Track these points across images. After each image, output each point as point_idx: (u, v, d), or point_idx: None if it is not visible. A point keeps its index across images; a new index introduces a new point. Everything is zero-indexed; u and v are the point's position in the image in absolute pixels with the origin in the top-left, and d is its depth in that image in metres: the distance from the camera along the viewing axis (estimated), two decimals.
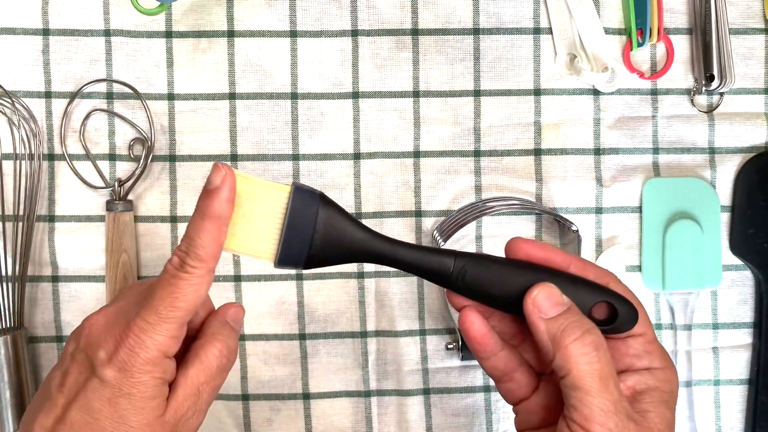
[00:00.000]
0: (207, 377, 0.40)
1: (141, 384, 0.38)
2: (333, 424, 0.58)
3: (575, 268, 0.42)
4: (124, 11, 0.57)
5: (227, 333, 0.42)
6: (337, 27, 0.58)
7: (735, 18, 0.58)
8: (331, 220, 0.40)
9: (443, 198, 0.58)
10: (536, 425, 0.43)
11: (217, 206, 0.38)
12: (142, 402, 0.38)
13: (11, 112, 0.56)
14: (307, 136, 0.58)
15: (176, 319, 0.38)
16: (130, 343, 0.38)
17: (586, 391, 0.37)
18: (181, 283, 0.38)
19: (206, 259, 0.38)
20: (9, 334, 0.54)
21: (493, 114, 0.58)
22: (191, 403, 0.40)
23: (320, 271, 0.58)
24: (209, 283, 0.39)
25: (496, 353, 0.43)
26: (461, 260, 0.41)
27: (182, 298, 0.38)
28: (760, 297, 0.58)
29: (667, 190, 0.58)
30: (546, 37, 0.58)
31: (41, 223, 0.57)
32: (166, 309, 0.38)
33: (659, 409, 0.40)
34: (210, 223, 0.38)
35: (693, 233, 0.57)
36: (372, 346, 0.58)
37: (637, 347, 0.41)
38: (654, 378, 0.41)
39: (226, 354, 0.41)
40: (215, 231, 0.38)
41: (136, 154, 0.57)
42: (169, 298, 0.38)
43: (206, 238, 0.38)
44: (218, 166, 0.38)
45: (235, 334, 0.43)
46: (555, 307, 0.40)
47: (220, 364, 0.41)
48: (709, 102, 0.59)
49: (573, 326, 0.39)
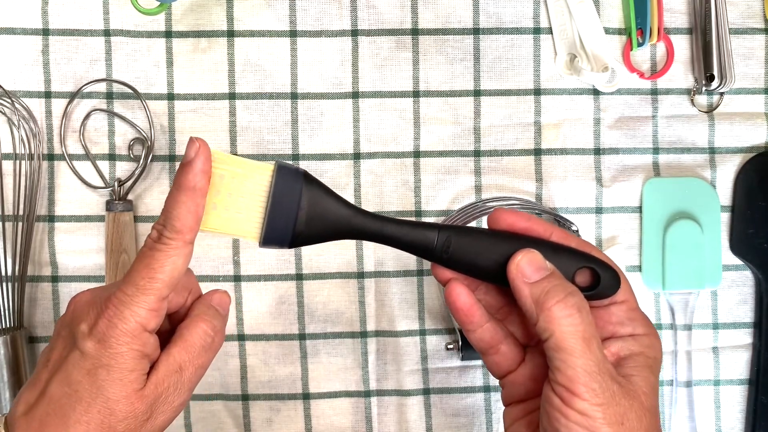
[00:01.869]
0: (190, 355, 0.41)
1: (119, 355, 0.38)
2: (333, 424, 0.58)
3: (557, 237, 0.43)
4: (124, 11, 0.57)
5: (212, 314, 0.42)
6: (337, 27, 0.58)
7: (735, 18, 0.58)
8: (316, 197, 0.40)
9: (443, 198, 0.58)
10: (522, 397, 0.44)
11: (191, 178, 0.39)
12: (120, 374, 0.38)
13: (11, 112, 0.56)
14: (307, 136, 0.58)
15: (154, 290, 0.38)
16: (109, 314, 0.38)
17: (570, 352, 0.38)
18: (158, 255, 0.39)
19: (182, 231, 0.39)
20: (9, 334, 0.54)
21: (493, 114, 0.58)
22: (173, 381, 0.40)
23: (320, 271, 0.58)
24: (187, 255, 0.39)
25: (483, 325, 0.43)
26: (445, 233, 0.41)
27: (159, 269, 0.38)
28: (760, 297, 0.58)
29: (667, 190, 0.58)
30: (546, 37, 0.58)
31: (41, 223, 0.57)
32: (144, 280, 0.38)
33: (643, 372, 0.40)
34: (185, 194, 0.39)
35: (693, 233, 0.57)
36: (372, 346, 0.58)
37: (620, 314, 0.42)
38: (638, 344, 0.41)
39: (211, 333, 0.42)
40: (190, 202, 0.39)
41: (135, 154, 0.57)
42: (147, 269, 0.38)
43: (182, 209, 0.39)
44: (192, 140, 0.39)
45: (220, 317, 0.43)
46: (538, 272, 0.40)
47: (204, 343, 0.41)
48: (709, 102, 0.59)
49: (556, 289, 0.39)
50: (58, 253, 0.57)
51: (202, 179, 0.39)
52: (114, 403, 0.38)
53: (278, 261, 0.58)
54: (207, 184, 0.39)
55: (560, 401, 0.38)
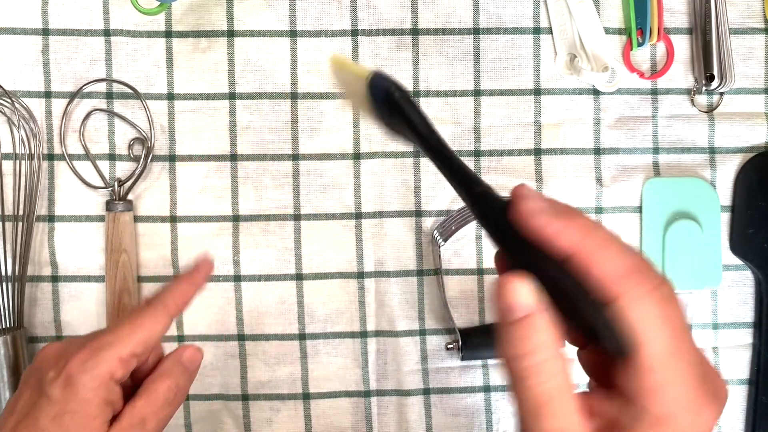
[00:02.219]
0: (153, 408, 0.43)
1: (85, 401, 0.40)
2: (333, 424, 0.58)
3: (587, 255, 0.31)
4: (124, 11, 0.57)
5: (179, 371, 0.45)
6: (337, 27, 0.58)
7: (735, 18, 0.58)
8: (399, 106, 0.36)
9: (443, 198, 0.58)
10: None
11: (197, 276, 0.47)
12: (85, 420, 0.40)
13: (11, 112, 0.56)
14: (307, 136, 0.58)
15: (131, 343, 0.42)
16: (83, 357, 0.41)
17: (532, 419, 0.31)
18: (144, 318, 0.43)
19: (170, 306, 0.44)
20: (9, 334, 0.54)
21: (493, 114, 0.58)
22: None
23: (320, 271, 0.58)
24: (166, 326, 0.44)
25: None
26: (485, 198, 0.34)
27: (141, 327, 0.43)
28: (760, 297, 0.58)
29: (667, 190, 0.58)
30: (546, 37, 0.58)
31: (41, 223, 0.57)
32: (125, 332, 0.42)
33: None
34: (187, 284, 0.46)
35: (693, 233, 0.57)
36: (372, 346, 0.58)
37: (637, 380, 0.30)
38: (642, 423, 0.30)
39: (174, 389, 0.44)
40: (189, 291, 0.46)
41: (135, 154, 0.57)
42: (131, 325, 0.43)
43: (177, 293, 0.45)
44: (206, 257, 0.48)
45: (187, 374, 0.45)
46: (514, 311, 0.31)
47: (168, 398, 0.43)
48: (709, 102, 0.59)
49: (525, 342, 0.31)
50: (58, 253, 0.57)
51: (202, 280, 0.47)
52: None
53: (278, 261, 0.58)
54: (202, 284, 0.47)
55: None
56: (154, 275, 0.58)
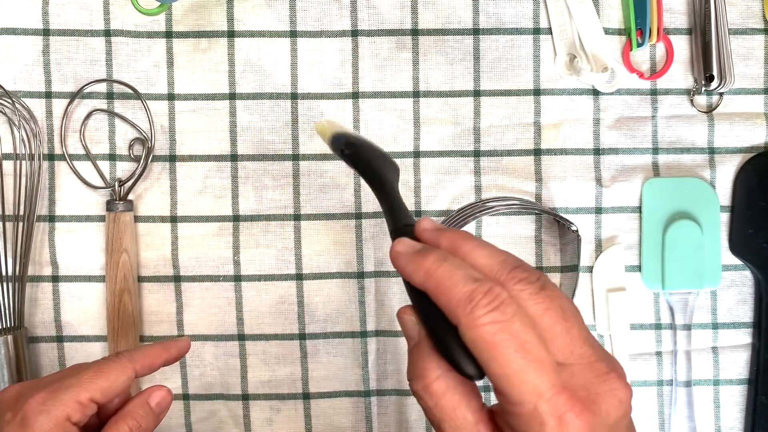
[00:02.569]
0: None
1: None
2: (333, 423, 0.58)
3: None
4: (125, 11, 0.57)
5: (143, 413, 0.45)
6: (337, 27, 0.58)
7: (735, 18, 0.58)
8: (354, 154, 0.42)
9: (443, 198, 0.58)
10: None
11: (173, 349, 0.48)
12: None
13: (11, 112, 0.56)
14: (307, 136, 0.58)
15: (92, 388, 0.42)
16: (42, 397, 0.41)
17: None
18: (109, 367, 0.44)
19: (138, 362, 0.45)
20: (9, 334, 0.54)
21: (492, 114, 0.58)
22: None
23: (320, 271, 0.58)
24: (130, 379, 0.45)
25: None
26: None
27: (105, 375, 0.43)
28: (760, 297, 0.58)
29: (667, 190, 0.58)
30: (546, 37, 0.58)
31: (41, 223, 0.57)
32: (88, 376, 0.43)
33: None
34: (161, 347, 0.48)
35: (693, 233, 0.58)
36: (372, 346, 0.58)
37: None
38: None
39: (135, 431, 0.44)
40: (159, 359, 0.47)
41: (136, 154, 0.57)
42: (95, 371, 0.43)
43: (148, 356, 0.46)
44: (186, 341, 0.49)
45: (152, 416, 0.45)
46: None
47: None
48: (708, 102, 0.59)
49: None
50: (59, 253, 0.57)
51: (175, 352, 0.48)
52: None
53: (278, 261, 0.58)
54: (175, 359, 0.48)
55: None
56: (154, 275, 0.58)
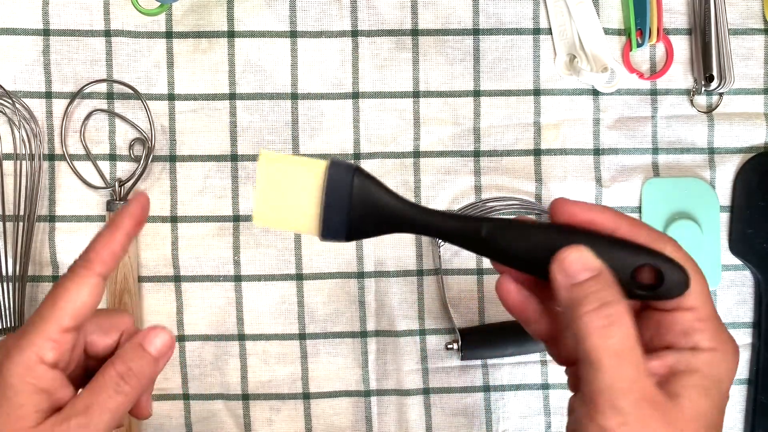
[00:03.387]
0: (99, 397, 0.38)
1: (9, 387, 0.36)
2: (333, 424, 0.58)
3: (625, 231, 0.38)
4: (125, 11, 0.57)
5: (133, 355, 0.40)
6: (337, 27, 0.58)
7: (734, 18, 0.59)
8: (366, 192, 0.40)
9: (443, 198, 0.58)
10: None
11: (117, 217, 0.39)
12: (9, 408, 0.36)
13: (12, 113, 0.56)
14: (307, 136, 0.58)
15: (55, 319, 0.37)
16: (9, 345, 0.37)
17: (596, 367, 0.34)
18: (66, 282, 0.38)
19: (93, 261, 0.38)
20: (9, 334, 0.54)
21: (492, 114, 0.58)
22: (76, 423, 0.37)
23: (320, 271, 0.58)
24: (94, 287, 0.38)
25: (537, 320, 0.40)
26: (490, 224, 0.39)
27: (63, 297, 0.37)
28: (760, 297, 0.58)
29: (667, 190, 0.58)
30: (546, 37, 0.58)
31: (42, 223, 0.57)
32: (46, 309, 0.37)
33: (693, 394, 0.35)
34: (107, 230, 0.39)
35: (692, 233, 0.58)
36: (372, 346, 0.58)
37: (684, 323, 0.37)
38: (696, 359, 0.36)
39: (125, 375, 0.39)
40: (108, 236, 0.39)
41: (136, 154, 0.57)
42: (51, 298, 0.38)
43: (99, 242, 0.39)
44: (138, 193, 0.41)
45: (148, 360, 0.40)
46: (581, 272, 0.36)
47: (117, 386, 0.38)
48: (708, 102, 0.59)
49: (594, 295, 0.35)
50: (59, 253, 0.57)
51: (127, 220, 0.39)
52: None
53: (278, 261, 0.58)
54: (132, 226, 0.39)
55: (583, 411, 0.35)
56: (154, 275, 0.58)
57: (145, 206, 0.40)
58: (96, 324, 0.41)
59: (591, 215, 0.38)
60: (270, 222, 0.40)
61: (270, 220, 0.40)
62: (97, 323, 0.41)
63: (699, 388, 0.35)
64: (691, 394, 0.35)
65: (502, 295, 0.40)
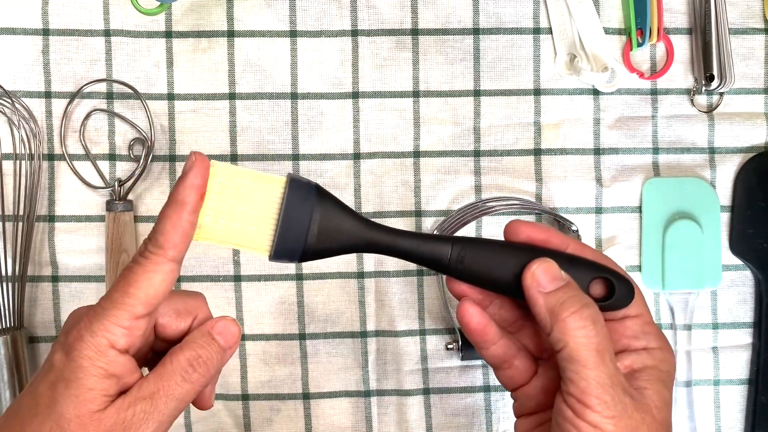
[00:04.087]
0: (166, 383, 0.37)
1: (80, 369, 0.36)
2: (333, 424, 0.58)
3: (573, 249, 0.43)
4: (124, 11, 0.57)
5: (202, 342, 0.39)
6: (337, 27, 0.58)
7: (735, 18, 0.58)
8: (328, 211, 0.39)
9: (443, 198, 0.58)
10: (534, 409, 0.43)
11: (180, 191, 0.37)
12: (77, 390, 0.35)
13: (11, 112, 0.56)
14: (307, 136, 0.58)
15: (127, 307, 0.36)
16: (81, 326, 0.36)
17: (583, 364, 0.38)
18: (137, 268, 0.37)
19: (164, 246, 0.37)
20: (9, 334, 0.54)
21: (493, 114, 0.58)
22: (140, 409, 0.37)
23: (320, 271, 0.58)
24: (168, 273, 0.37)
25: (496, 342, 0.43)
26: (458, 246, 0.41)
27: (135, 285, 0.36)
28: (760, 297, 0.58)
29: (667, 190, 0.58)
30: (546, 37, 0.58)
31: (41, 223, 0.57)
32: (118, 294, 0.36)
33: (656, 386, 0.40)
34: (172, 209, 0.37)
35: (693, 233, 0.57)
36: (372, 346, 0.58)
37: (634, 328, 0.42)
38: (651, 357, 0.41)
39: (194, 363, 0.38)
40: (176, 217, 0.37)
41: (136, 154, 0.57)
42: (124, 284, 0.37)
43: (167, 224, 0.37)
44: (190, 155, 0.38)
45: (213, 346, 0.39)
46: (553, 282, 0.40)
47: (185, 373, 0.38)
48: (708, 102, 0.59)
49: (571, 300, 0.39)
50: (59, 253, 0.57)
51: (192, 194, 0.37)
52: (66, 421, 0.35)
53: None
54: (198, 200, 0.38)
55: (572, 413, 0.38)
56: None
57: (206, 172, 0.38)
58: (170, 307, 0.40)
59: (546, 235, 0.42)
60: (215, 237, 0.38)
61: (215, 235, 0.38)
62: (171, 306, 0.40)
63: (659, 381, 0.40)
64: (655, 386, 0.40)
65: (466, 318, 0.43)
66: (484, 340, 0.43)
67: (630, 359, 0.41)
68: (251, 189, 0.39)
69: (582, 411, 0.38)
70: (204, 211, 0.38)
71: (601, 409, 0.37)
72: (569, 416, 0.38)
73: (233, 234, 0.39)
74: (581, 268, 0.41)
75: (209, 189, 0.38)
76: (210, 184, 0.38)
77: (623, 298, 0.41)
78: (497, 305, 0.44)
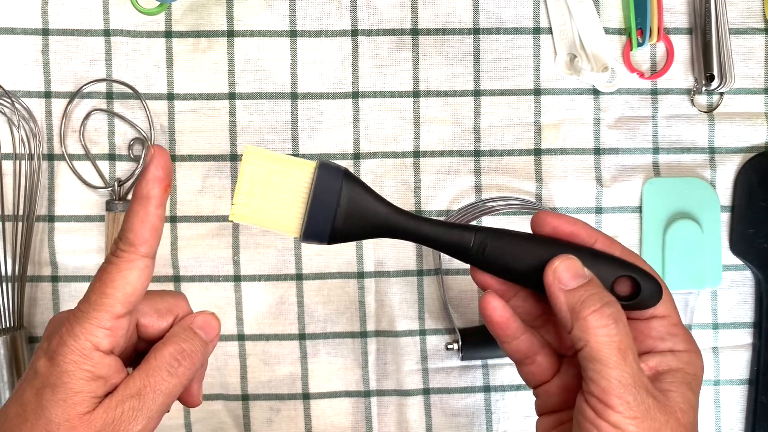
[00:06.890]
0: (151, 380, 0.38)
1: (65, 374, 0.36)
2: (333, 424, 0.58)
3: (601, 245, 0.41)
4: (124, 11, 0.57)
5: (185, 336, 0.39)
6: (337, 27, 0.58)
7: (735, 18, 0.58)
8: (355, 195, 0.40)
9: (443, 198, 0.58)
10: (556, 407, 0.42)
11: (143, 186, 0.37)
12: (64, 394, 0.36)
13: (11, 112, 0.56)
14: (307, 136, 0.58)
15: (106, 307, 0.36)
16: (63, 331, 0.36)
17: (604, 363, 0.37)
18: (111, 268, 0.37)
19: (135, 242, 0.37)
20: (9, 334, 0.54)
21: (493, 114, 0.58)
22: (128, 407, 0.37)
23: (320, 271, 0.58)
24: (143, 269, 0.37)
25: (518, 337, 0.42)
26: (481, 234, 0.41)
27: (111, 284, 0.36)
28: (760, 297, 0.58)
29: (667, 190, 0.58)
30: (546, 37, 0.58)
31: (41, 223, 0.57)
32: (96, 296, 0.36)
33: (681, 389, 0.39)
34: (138, 204, 0.37)
35: (693, 233, 0.57)
36: (372, 346, 0.58)
37: (660, 329, 0.41)
38: (677, 360, 0.40)
39: (178, 357, 0.39)
40: (142, 212, 0.37)
41: (135, 154, 0.57)
42: (99, 284, 0.37)
43: (135, 221, 0.37)
44: (148, 148, 0.38)
45: (196, 340, 0.40)
46: (575, 279, 0.39)
47: (171, 367, 0.38)
48: (709, 102, 0.59)
49: (592, 298, 0.38)
50: (58, 253, 0.57)
51: (156, 187, 0.37)
52: (55, 426, 0.35)
53: (278, 261, 0.58)
54: (162, 193, 0.37)
55: (593, 413, 0.37)
56: (154, 275, 0.57)
57: (167, 163, 0.37)
58: (152, 307, 0.41)
59: (573, 228, 0.41)
60: (248, 218, 0.39)
61: (248, 216, 0.39)
62: (153, 306, 0.41)
63: (684, 384, 0.39)
64: (680, 389, 0.39)
65: (488, 310, 0.42)
66: (506, 334, 0.42)
67: (655, 361, 0.40)
68: (282, 173, 0.39)
69: (603, 411, 0.37)
70: (238, 192, 0.39)
71: (623, 410, 0.36)
72: (590, 416, 0.37)
73: (265, 215, 0.40)
74: (606, 265, 0.40)
75: (242, 171, 0.39)
76: (243, 167, 0.39)
77: (650, 297, 0.40)
78: (521, 298, 0.43)
